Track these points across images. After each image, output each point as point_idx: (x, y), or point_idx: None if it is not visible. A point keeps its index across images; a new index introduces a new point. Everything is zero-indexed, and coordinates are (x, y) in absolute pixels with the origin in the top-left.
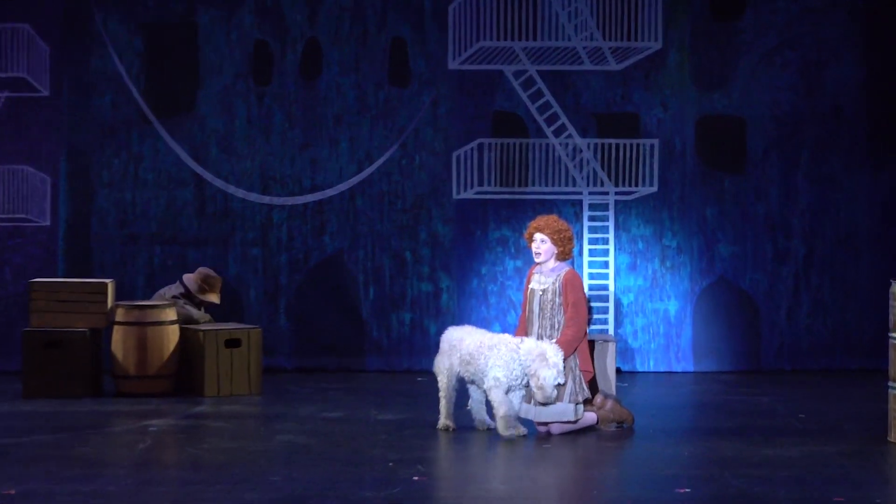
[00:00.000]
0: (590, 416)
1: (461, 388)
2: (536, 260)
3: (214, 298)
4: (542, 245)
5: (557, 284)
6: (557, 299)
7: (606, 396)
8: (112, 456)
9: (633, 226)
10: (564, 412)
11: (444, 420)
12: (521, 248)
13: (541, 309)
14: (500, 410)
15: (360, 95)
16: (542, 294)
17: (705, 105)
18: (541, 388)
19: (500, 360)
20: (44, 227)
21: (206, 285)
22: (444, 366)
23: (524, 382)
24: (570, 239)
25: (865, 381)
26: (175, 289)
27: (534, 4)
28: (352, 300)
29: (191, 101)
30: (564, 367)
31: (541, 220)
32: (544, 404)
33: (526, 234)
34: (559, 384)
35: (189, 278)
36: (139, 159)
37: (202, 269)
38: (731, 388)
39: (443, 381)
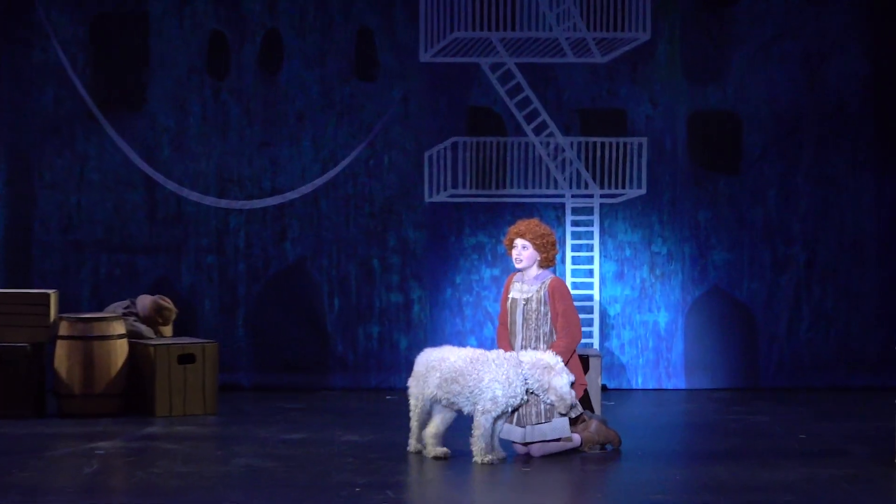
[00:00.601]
0: (574, 438)
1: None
2: (518, 267)
3: (167, 332)
4: (523, 252)
5: (543, 293)
6: (543, 308)
7: (591, 417)
8: (55, 482)
9: (619, 231)
10: (561, 428)
11: (414, 442)
12: (499, 256)
13: (525, 319)
14: (479, 432)
15: (324, 90)
16: (526, 304)
17: (698, 100)
18: (561, 398)
19: (502, 377)
20: None
21: (159, 318)
22: (417, 390)
23: (521, 401)
24: (554, 244)
25: (871, 400)
26: (125, 307)
27: None
28: (315, 312)
29: (141, 96)
30: None
31: (521, 224)
32: (565, 414)
33: (505, 240)
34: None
35: (143, 305)
36: (84, 159)
37: (158, 300)
38: (726, 407)
39: (415, 406)
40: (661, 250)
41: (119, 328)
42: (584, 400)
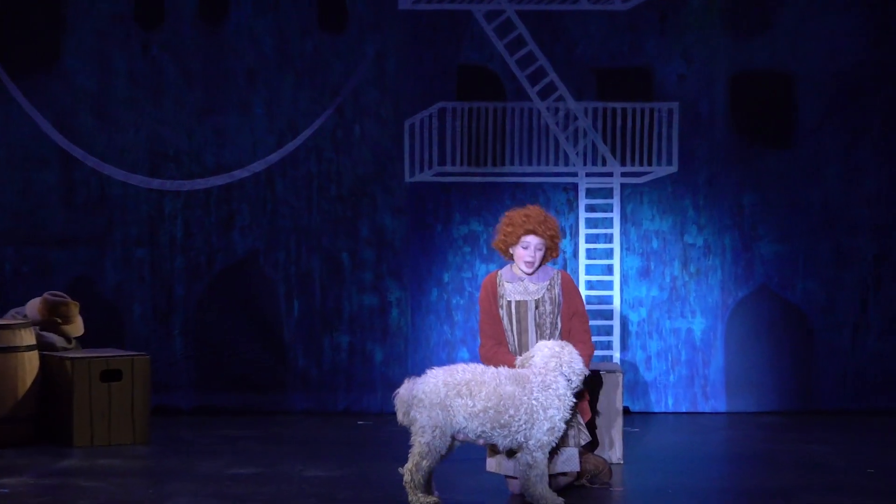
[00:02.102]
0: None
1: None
2: (527, 270)
3: (73, 331)
4: (537, 254)
5: (556, 291)
6: (557, 310)
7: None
8: None
9: (645, 218)
10: (572, 461)
11: (422, 498)
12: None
13: (538, 326)
14: (537, 472)
15: (279, 44)
16: (538, 307)
17: (741, 57)
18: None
19: (557, 401)
20: None
21: (56, 317)
22: (433, 422)
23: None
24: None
25: None
26: (23, 314)
27: None
28: (270, 318)
29: (54, 52)
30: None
31: (532, 215)
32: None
33: (507, 235)
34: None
35: (32, 309)
36: None
37: (48, 297)
38: (775, 435)
39: (431, 446)
40: (695, 242)
41: (28, 338)
42: (591, 426)
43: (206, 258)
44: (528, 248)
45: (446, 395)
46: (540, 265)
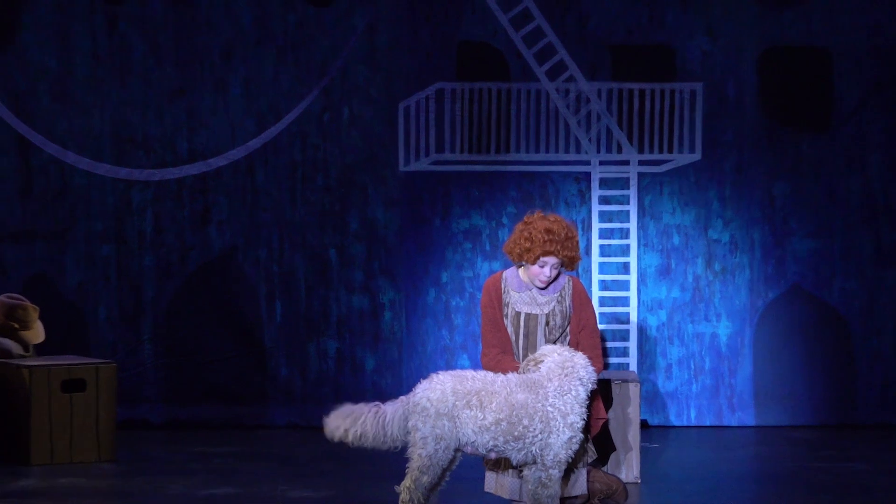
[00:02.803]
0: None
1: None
2: (539, 285)
3: (32, 337)
4: (554, 271)
5: (567, 303)
6: (567, 322)
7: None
8: None
9: (665, 211)
10: (578, 482)
11: None
12: (501, 245)
13: (547, 340)
14: (551, 491)
15: (260, 17)
16: (549, 321)
17: (772, 32)
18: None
19: (578, 407)
20: None
21: (12, 322)
22: (438, 433)
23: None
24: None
25: None
26: None
27: None
28: (250, 322)
29: (9, 27)
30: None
31: (556, 230)
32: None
33: (525, 251)
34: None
35: None
36: None
37: (4, 299)
38: (810, 451)
39: (432, 459)
40: (721, 237)
41: None
42: (603, 442)
43: (178, 256)
44: (544, 268)
45: (454, 405)
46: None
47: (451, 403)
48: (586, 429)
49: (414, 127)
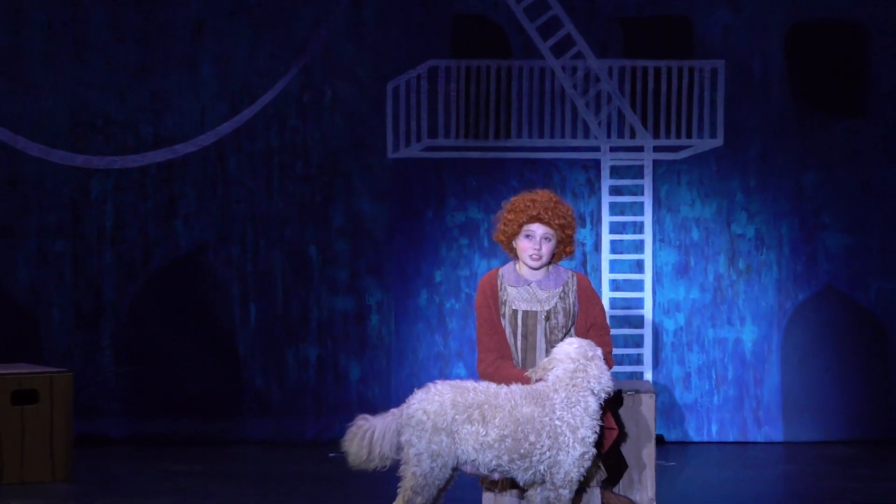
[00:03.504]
0: None
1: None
2: (532, 265)
3: None
4: (545, 244)
5: (571, 300)
6: (570, 322)
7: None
8: None
9: (683, 203)
10: (591, 503)
11: None
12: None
13: (549, 342)
14: None
15: None
16: (549, 318)
17: (802, 3)
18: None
19: (589, 419)
20: None
21: None
22: (434, 449)
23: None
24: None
25: None
26: None
27: None
28: (221, 326)
29: None
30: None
31: (538, 199)
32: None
33: (508, 222)
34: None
35: None
36: None
37: None
38: (844, 469)
39: (427, 479)
40: (745, 232)
41: None
42: (613, 459)
43: (141, 252)
44: (532, 238)
45: (454, 419)
46: (550, 262)
47: (450, 417)
48: (598, 443)
49: (404, 109)
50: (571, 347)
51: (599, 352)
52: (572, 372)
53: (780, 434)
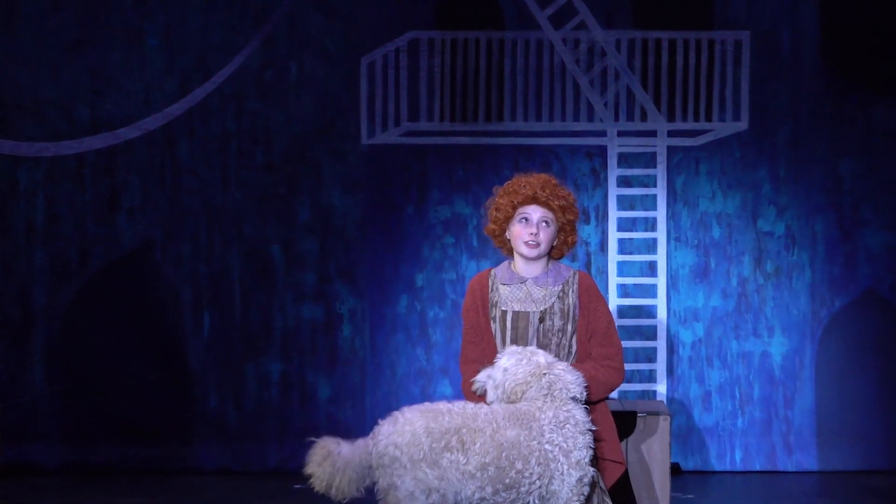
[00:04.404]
0: None
1: None
2: (529, 253)
3: None
4: (543, 230)
5: (571, 300)
6: (571, 326)
7: None
8: None
9: (703, 195)
10: None
11: None
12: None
13: (542, 345)
14: None
15: None
16: (544, 319)
17: None
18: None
19: (581, 437)
20: None
21: None
22: (409, 485)
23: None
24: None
25: None
26: None
27: None
28: (170, 337)
29: None
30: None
31: (535, 180)
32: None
33: (500, 207)
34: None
35: None
36: None
37: None
38: (887, 502)
39: None
40: (774, 229)
41: None
42: (622, 492)
43: (78, 252)
44: (527, 223)
45: (431, 448)
46: (549, 253)
47: (426, 446)
48: (600, 473)
49: (381, 88)
50: (512, 351)
51: (540, 352)
52: (548, 387)
53: (814, 462)
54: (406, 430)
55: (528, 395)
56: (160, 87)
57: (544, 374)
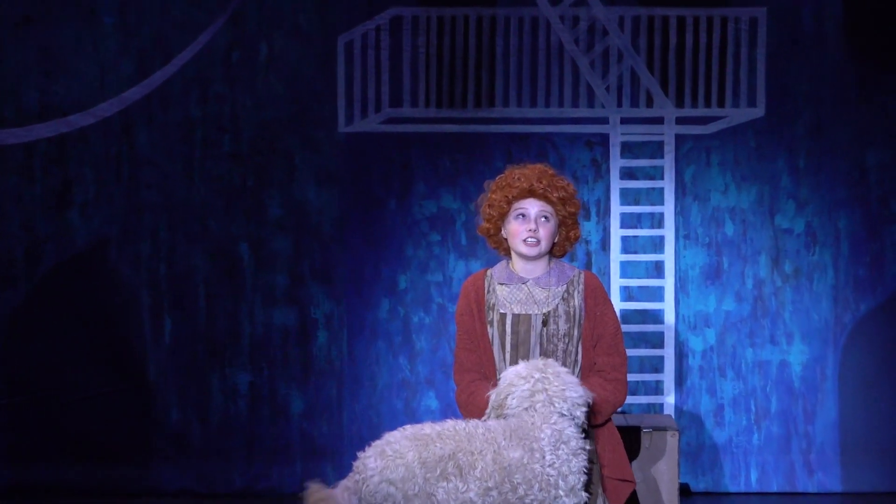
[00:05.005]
0: None
1: None
2: (528, 252)
3: None
4: (543, 225)
5: (576, 302)
6: (577, 331)
7: None
8: None
9: (715, 188)
10: None
11: None
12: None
13: (544, 352)
14: None
15: None
16: (547, 323)
17: None
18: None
19: (575, 460)
20: None
21: None
22: None
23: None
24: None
25: None
26: None
27: None
28: (127, 345)
29: None
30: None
31: (531, 172)
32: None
33: (494, 203)
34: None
35: None
36: None
37: None
38: None
39: None
40: (793, 226)
41: None
42: None
43: (24, 251)
44: (525, 219)
45: (426, 480)
46: (551, 254)
47: (420, 479)
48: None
49: (360, 71)
50: (519, 366)
51: (554, 363)
52: (529, 396)
53: (838, 483)
54: (398, 463)
55: (511, 404)
56: (116, 69)
57: (532, 377)
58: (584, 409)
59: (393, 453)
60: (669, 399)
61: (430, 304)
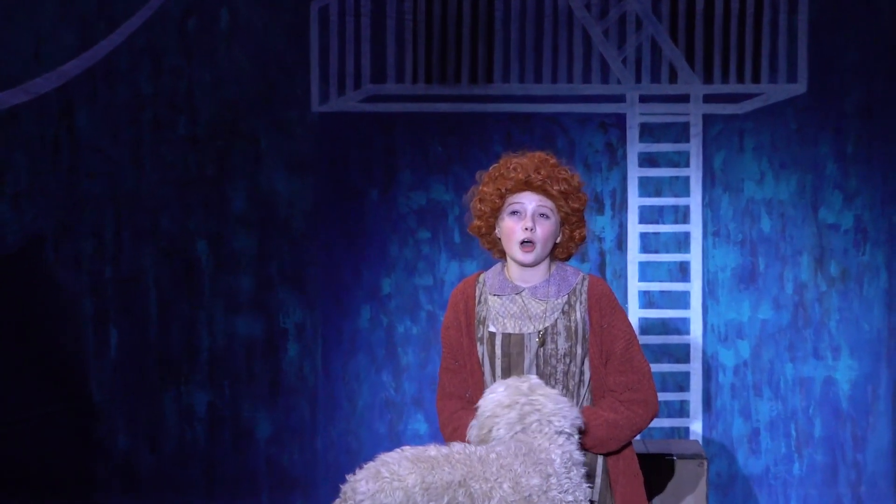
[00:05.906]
0: None
1: None
2: (524, 259)
3: None
4: (542, 224)
5: (579, 314)
6: (581, 348)
7: None
8: None
9: (749, 177)
10: None
11: None
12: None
13: (543, 374)
14: None
15: None
16: (545, 342)
17: None
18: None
19: (581, 493)
20: None
21: None
22: None
23: None
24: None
25: None
26: None
27: None
28: (66, 359)
29: None
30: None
31: (528, 161)
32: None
33: (485, 197)
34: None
35: None
36: None
37: None
38: None
39: None
40: (840, 221)
41: None
42: None
43: None
44: (520, 215)
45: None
46: (551, 256)
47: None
48: None
49: (336, 41)
50: (498, 392)
51: (539, 383)
52: (519, 420)
53: None
54: (395, 487)
55: (497, 435)
56: (53, 38)
57: (518, 403)
58: (578, 425)
59: (390, 475)
60: (696, 423)
61: (418, 312)
